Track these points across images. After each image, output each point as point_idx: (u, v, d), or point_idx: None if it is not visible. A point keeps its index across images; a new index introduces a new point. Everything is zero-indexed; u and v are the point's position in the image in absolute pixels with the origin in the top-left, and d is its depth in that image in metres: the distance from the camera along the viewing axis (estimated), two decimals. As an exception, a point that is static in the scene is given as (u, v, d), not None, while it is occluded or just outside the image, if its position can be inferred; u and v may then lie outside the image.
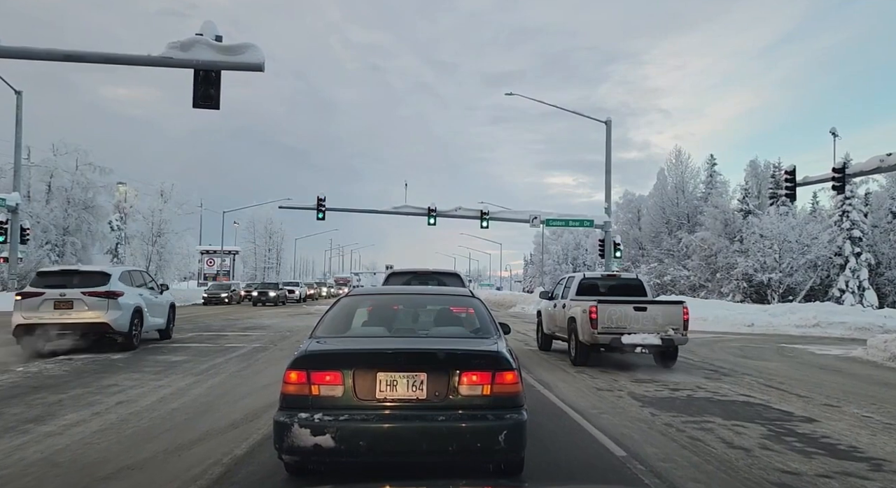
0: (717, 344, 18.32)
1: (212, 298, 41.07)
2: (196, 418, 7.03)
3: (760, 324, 26.07)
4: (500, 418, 4.28)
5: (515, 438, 4.29)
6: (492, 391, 4.32)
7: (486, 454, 4.33)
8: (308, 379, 4.32)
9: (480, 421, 4.26)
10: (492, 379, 4.33)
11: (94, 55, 14.58)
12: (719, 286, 48.67)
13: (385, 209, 41.20)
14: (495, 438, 4.23)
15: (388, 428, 4.26)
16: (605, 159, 39.55)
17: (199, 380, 9.58)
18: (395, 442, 4.26)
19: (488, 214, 39.87)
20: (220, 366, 11.28)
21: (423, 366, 4.36)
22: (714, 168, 55.43)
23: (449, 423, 4.24)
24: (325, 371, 4.34)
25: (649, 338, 11.38)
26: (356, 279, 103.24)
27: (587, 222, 40.41)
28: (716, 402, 8.40)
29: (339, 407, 4.27)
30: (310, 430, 4.18)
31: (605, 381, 10.16)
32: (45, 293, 12.50)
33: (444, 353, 4.48)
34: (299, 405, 4.31)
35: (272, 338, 16.84)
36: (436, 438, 4.24)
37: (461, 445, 4.23)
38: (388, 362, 4.39)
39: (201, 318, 25.17)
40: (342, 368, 4.34)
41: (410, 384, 4.31)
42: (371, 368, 4.34)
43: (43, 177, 45.67)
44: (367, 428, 4.23)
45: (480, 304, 5.75)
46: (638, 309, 11.66)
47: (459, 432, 4.24)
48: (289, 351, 13.71)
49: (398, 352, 4.54)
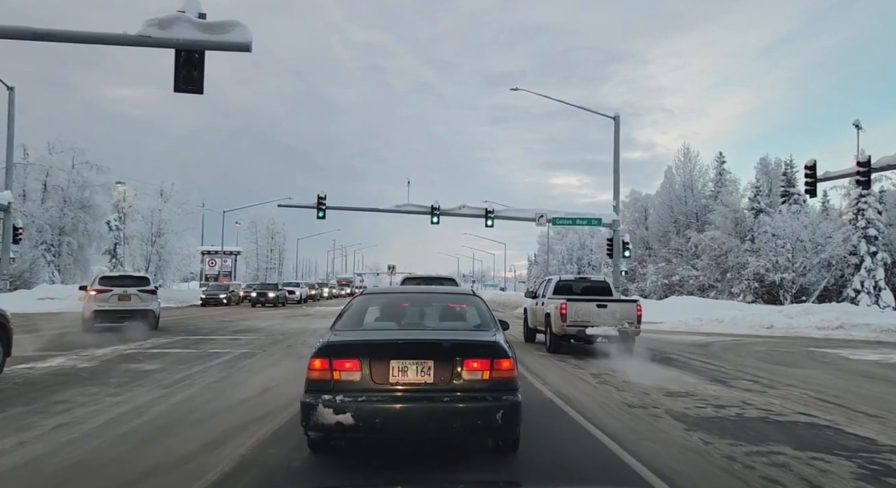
0: (741, 348, 16.93)
1: (210, 299, 39.73)
2: (145, 447, 5.66)
3: (779, 325, 24.65)
4: (498, 399, 4.80)
5: (511, 417, 4.82)
6: (490, 376, 4.83)
7: (485, 431, 4.93)
8: (330, 366, 4.82)
9: (480, 402, 4.78)
10: (490, 365, 4.85)
11: (66, 34, 13.24)
12: (729, 286, 47.19)
13: (387, 207, 39.86)
14: (493, 417, 4.76)
15: (400, 408, 4.76)
16: (614, 156, 38.12)
17: (166, 394, 8.22)
18: (406, 420, 4.77)
19: (493, 213, 38.48)
20: (196, 375, 9.92)
21: (430, 354, 4.87)
22: (723, 166, 53.94)
23: (453, 404, 4.75)
24: (345, 359, 4.84)
25: (609, 330, 13.55)
26: (359, 280, 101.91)
27: (595, 221, 38.98)
28: (774, 424, 7.00)
29: (357, 390, 4.77)
30: (332, 410, 4.68)
31: (635, 394, 8.77)
32: (112, 290, 18.20)
33: (449, 343, 5.02)
34: (322, 388, 4.81)
35: (263, 342, 15.47)
36: (441, 417, 4.76)
37: (463, 423, 4.78)
38: (400, 351, 4.90)
39: (194, 321, 23.83)
40: (360, 356, 4.85)
41: (419, 370, 4.81)
42: (385, 357, 4.84)
43: (38, 176, 44.45)
44: (382, 408, 4.73)
45: (481, 302, 6.31)
46: (600, 306, 13.79)
47: (462, 411, 4.76)
48: (278, 357, 12.40)
49: (409, 343, 5.08)
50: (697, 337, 20.32)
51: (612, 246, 38.73)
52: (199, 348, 13.77)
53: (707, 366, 12.33)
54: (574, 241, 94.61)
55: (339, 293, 70.57)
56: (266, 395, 8.28)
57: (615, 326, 13.60)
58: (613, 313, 13.74)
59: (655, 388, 9.34)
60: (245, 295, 42.14)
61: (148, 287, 18.78)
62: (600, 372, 11.10)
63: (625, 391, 9.10)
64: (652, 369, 11.53)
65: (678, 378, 10.55)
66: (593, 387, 9.47)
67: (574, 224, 39.55)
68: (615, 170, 38.32)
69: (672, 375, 10.85)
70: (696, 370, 11.73)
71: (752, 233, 46.47)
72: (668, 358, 13.73)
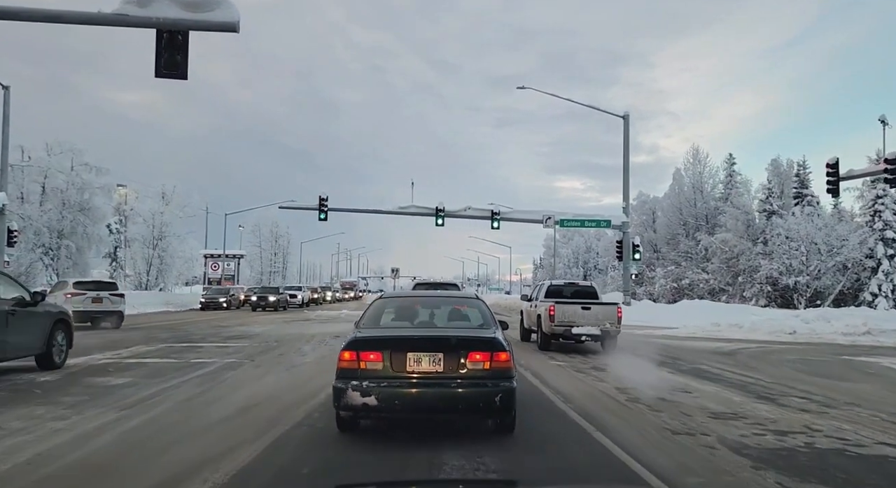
0: (770, 356, 15.55)
1: (209, 303, 38.43)
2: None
3: (802, 331, 23.20)
4: (496, 385, 5.66)
5: (507, 400, 5.68)
6: (490, 366, 5.70)
7: (486, 412, 5.88)
8: (357, 357, 5.70)
9: (482, 388, 5.65)
10: (490, 357, 5.71)
11: (34, 12, 11.95)
12: (741, 290, 45.71)
13: (390, 209, 38.61)
14: (492, 400, 5.65)
15: (415, 392, 5.63)
16: (623, 156, 36.77)
17: (122, 417, 6.89)
18: (420, 402, 5.68)
19: (499, 214, 37.17)
20: (167, 392, 8.59)
21: (440, 347, 5.74)
22: (733, 167, 52.49)
23: (459, 389, 5.63)
24: (369, 351, 5.72)
25: (592, 329, 14.62)
26: (364, 283, 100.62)
27: (604, 223, 37.62)
28: (858, 459, 5.62)
29: (379, 377, 5.62)
30: (359, 393, 5.55)
31: (674, 416, 7.39)
32: (87, 293, 20.62)
33: (456, 339, 5.95)
34: (351, 376, 5.66)
35: (253, 350, 14.14)
36: (449, 399, 5.68)
37: (467, 404, 5.72)
38: (415, 345, 5.78)
39: (186, 326, 22.54)
40: (382, 349, 5.71)
41: (431, 361, 5.66)
42: (403, 349, 5.70)
43: (37, 178, 43.25)
44: (400, 392, 5.62)
45: (483, 305, 7.09)
46: (584, 308, 14.89)
47: (466, 395, 5.65)
48: (267, 368, 11.07)
49: (422, 338, 6.02)
50: (719, 343, 18.92)
51: (621, 248, 37.35)
52: (181, 357, 12.44)
53: (743, 379, 10.95)
54: (580, 245, 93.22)
55: (342, 297, 69.17)
56: (241, 419, 6.94)
57: (598, 326, 14.80)
58: (596, 314, 14.96)
59: (697, 408, 7.97)
60: (246, 299, 40.88)
61: (117, 291, 21.86)
62: (624, 385, 9.73)
63: (661, 411, 7.73)
64: (683, 383, 10.17)
65: (717, 394, 9.18)
66: (624, 407, 8.10)
67: (582, 226, 38.19)
68: (625, 170, 36.96)
69: (709, 391, 9.47)
70: (733, 384, 10.35)
71: (765, 236, 44.99)
72: (697, 368, 12.35)
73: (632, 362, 13.17)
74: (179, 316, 30.74)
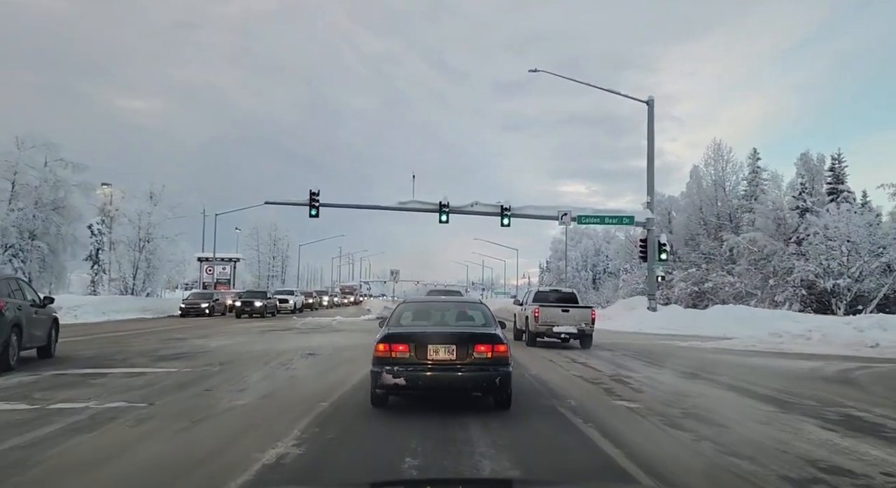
0: (890, 380, 11.09)
1: (190, 309, 34.02)
2: None
3: (886, 343, 18.66)
4: (497, 370, 7.11)
5: (505, 381, 7.16)
6: (492, 355, 7.10)
7: (488, 390, 7.35)
8: (390, 348, 7.09)
9: (485, 372, 7.12)
10: (492, 349, 7.12)
11: None
12: (772, 294, 41.07)
13: (390, 205, 34.12)
14: (493, 381, 7.13)
15: (434, 374, 7.06)
16: (648, 144, 32.32)
17: None
18: (438, 382, 7.13)
19: (510, 210, 32.67)
20: None
21: (453, 341, 7.16)
22: (757, 163, 47.93)
23: (468, 372, 7.09)
24: (398, 343, 7.12)
25: (570, 328, 16.74)
26: (366, 288, 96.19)
27: (626, 219, 33.11)
28: None
29: (406, 363, 7.03)
30: (391, 375, 6.99)
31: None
32: None
33: (466, 334, 7.41)
34: (385, 362, 7.06)
35: (172, 382, 9.49)
36: (460, 380, 7.13)
37: (474, 384, 7.23)
38: (434, 339, 7.19)
39: (134, 339, 18.08)
40: (408, 342, 7.12)
41: (446, 351, 7.07)
42: (424, 342, 7.11)
43: (5, 174, 38.92)
44: (423, 375, 7.04)
45: (486, 308, 8.61)
46: (564, 311, 16.98)
47: (473, 377, 7.13)
48: (147, 428, 6.09)
49: (440, 334, 7.44)
50: (801, 362, 14.41)
51: (645, 247, 32.81)
52: (46, 398, 7.93)
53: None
54: (588, 247, 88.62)
55: (340, 302, 64.54)
56: None
57: (575, 326, 16.61)
58: (574, 316, 16.76)
59: None
60: (233, 304, 36.44)
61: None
62: (736, 450, 5.25)
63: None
64: (848, 447, 5.68)
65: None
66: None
67: (602, 222, 33.69)
68: (649, 161, 32.50)
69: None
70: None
71: (798, 235, 40.45)
72: (832, 411, 7.85)
73: (719, 395, 8.78)
74: (147, 324, 26.34)
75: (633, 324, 30.14)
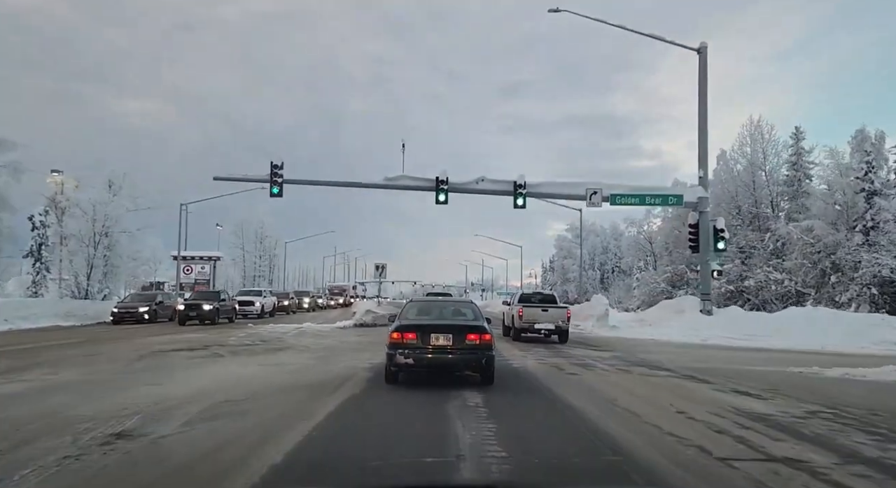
0: None
1: (125, 315, 26.46)
2: None
3: None
4: (483, 354, 9.18)
5: (489, 362, 9.28)
6: (479, 342, 9.16)
7: (476, 369, 9.41)
8: (401, 336, 9.13)
9: (474, 355, 9.19)
10: (479, 337, 9.18)
11: None
12: (832, 292, 33.73)
13: (376, 182, 26.62)
14: (481, 362, 9.25)
15: (435, 356, 9.08)
16: (699, 102, 24.99)
17: None
18: (438, 362, 9.20)
19: (524, 187, 25.25)
20: None
21: (450, 331, 9.22)
22: (800, 144, 40.54)
23: (461, 355, 9.14)
24: (408, 332, 9.18)
25: (549, 325, 18.87)
26: (361, 288, 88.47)
27: (672, 198, 25.75)
28: None
29: (414, 347, 9.07)
30: (403, 356, 9.11)
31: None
32: None
33: (460, 326, 9.60)
34: (397, 346, 9.10)
35: None
36: (455, 361, 9.24)
37: (466, 365, 9.38)
38: (436, 329, 9.23)
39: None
40: (416, 331, 9.17)
41: (445, 338, 9.07)
42: (428, 332, 9.14)
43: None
44: (427, 356, 9.08)
45: (476, 306, 11.06)
46: (543, 310, 19.25)
47: (465, 359, 9.22)
48: None
49: (440, 325, 9.51)
50: None
51: (696, 234, 25.41)
52: None
53: None
54: (596, 245, 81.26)
55: (327, 303, 56.81)
56: None
57: (553, 323, 18.91)
58: (552, 315, 19.07)
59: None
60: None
61: None
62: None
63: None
64: None
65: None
66: None
67: (642, 203, 26.25)
68: (700, 122, 25.16)
69: None
70: None
71: (865, 223, 33.11)
72: None
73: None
74: (41, 336, 18.91)
75: (682, 332, 22.81)
